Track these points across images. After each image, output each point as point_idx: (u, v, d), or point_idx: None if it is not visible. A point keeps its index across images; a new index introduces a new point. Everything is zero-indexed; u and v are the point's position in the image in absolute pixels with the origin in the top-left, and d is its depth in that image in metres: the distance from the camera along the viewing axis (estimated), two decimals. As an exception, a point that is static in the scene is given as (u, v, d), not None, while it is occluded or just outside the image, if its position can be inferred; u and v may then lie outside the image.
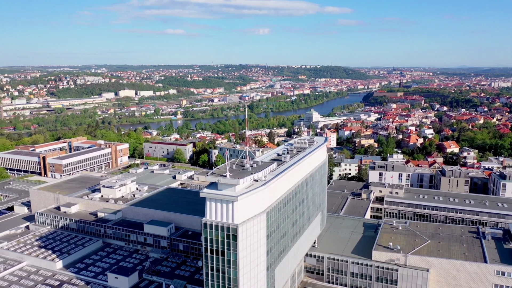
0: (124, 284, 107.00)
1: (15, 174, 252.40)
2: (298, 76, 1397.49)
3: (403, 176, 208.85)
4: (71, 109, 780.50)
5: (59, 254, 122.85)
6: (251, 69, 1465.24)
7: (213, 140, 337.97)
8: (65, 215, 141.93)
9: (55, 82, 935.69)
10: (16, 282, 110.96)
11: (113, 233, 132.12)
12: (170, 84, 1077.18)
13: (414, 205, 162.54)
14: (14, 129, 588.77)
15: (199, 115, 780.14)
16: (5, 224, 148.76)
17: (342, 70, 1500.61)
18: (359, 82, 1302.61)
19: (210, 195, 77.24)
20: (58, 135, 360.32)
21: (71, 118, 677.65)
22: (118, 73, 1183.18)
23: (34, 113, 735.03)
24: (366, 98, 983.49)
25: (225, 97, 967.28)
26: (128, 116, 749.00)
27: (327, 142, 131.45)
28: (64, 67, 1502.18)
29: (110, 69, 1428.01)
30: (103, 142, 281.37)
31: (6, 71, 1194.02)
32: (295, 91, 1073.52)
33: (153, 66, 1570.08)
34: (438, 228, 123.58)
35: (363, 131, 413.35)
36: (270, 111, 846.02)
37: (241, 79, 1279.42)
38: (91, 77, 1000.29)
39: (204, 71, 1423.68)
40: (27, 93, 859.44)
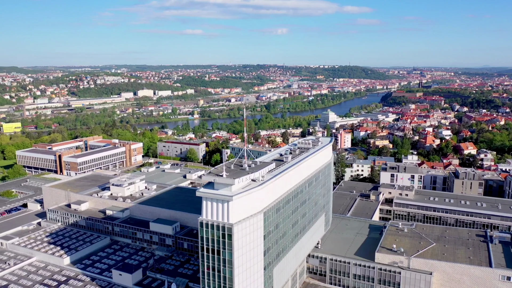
0: (127, 281, 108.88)
1: (32, 172, 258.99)
2: (316, 76, 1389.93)
3: (415, 178, 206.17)
4: (91, 108, 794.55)
5: (67, 250, 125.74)
6: (269, 69, 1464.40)
7: (227, 139, 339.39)
8: (75, 212, 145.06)
9: (76, 82, 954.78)
10: (25, 277, 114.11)
11: (120, 230, 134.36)
12: (188, 84, 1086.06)
13: (424, 207, 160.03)
14: (35, 128, 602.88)
15: (216, 115, 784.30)
16: (18, 220, 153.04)
17: (361, 70, 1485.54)
18: (378, 82, 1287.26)
19: (206, 195, 77.94)
20: (76, 134, 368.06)
21: (91, 117, 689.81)
22: (137, 73, 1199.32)
23: (55, 112, 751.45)
24: (385, 98, 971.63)
25: (242, 97, 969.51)
26: (146, 115, 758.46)
27: (332, 142, 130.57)
28: (86, 67, 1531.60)
29: (130, 69, 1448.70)
30: (117, 141, 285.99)
31: (29, 71, 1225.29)
32: (313, 91, 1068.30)
33: (172, 66, 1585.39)
34: (444, 231, 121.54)
35: (379, 132, 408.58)
36: (287, 111, 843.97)
37: (259, 79, 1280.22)
38: (111, 77, 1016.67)
39: (222, 71, 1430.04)
40: (49, 93, 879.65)
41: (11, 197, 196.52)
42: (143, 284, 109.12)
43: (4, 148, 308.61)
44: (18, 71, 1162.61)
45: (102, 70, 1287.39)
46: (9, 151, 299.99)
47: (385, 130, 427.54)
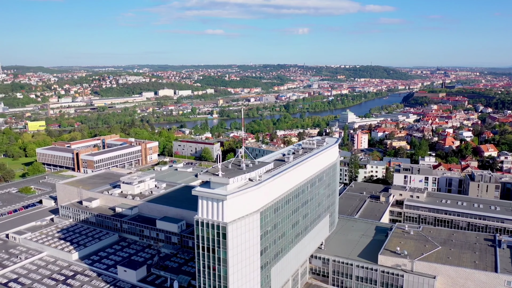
0: (132, 277, 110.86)
1: (51, 169, 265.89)
2: (336, 76, 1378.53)
3: (429, 180, 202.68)
4: (113, 107, 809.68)
5: (76, 246, 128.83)
6: (289, 69, 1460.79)
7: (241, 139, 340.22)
8: (86, 209, 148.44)
9: (99, 82, 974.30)
10: (35, 271, 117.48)
11: (128, 228, 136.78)
12: (208, 84, 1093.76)
13: (435, 210, 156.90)
14: (59, 126, 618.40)
15: (235, 114, 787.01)
16: (32, 216, 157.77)
17: (383, 70, 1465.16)
18: (400, 83, 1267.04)
19: (202, 194, 78.73)
20: (95, 133, 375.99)
21: (112, 117, 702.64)
22: (159, 73, 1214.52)
23: (78, 111, 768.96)
24: (406, 98, 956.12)
25: (261, 97, 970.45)
26: (165, 115, 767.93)
27: (338, 142, 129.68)
28: (109, 67, 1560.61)
29: (152, 69, 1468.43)
30: (133, 140, 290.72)
31: (55, 71, 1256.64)
32: (333, 91, 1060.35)
33: (193, 66, 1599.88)
34: (452, 234, 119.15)
35: (397, 133, 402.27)
36: (306, 111, 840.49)
37: (279, 79, 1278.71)
38: (133, 77, 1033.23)
39: (242, 71, 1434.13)
40: (72, 92, 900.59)
41: (29, 193, 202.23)
42: (147, 281, 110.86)
43: (26, 146, 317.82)
44: (44, 71, 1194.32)
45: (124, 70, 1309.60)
46: (30, 148, 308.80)
47: (403, 131, 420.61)
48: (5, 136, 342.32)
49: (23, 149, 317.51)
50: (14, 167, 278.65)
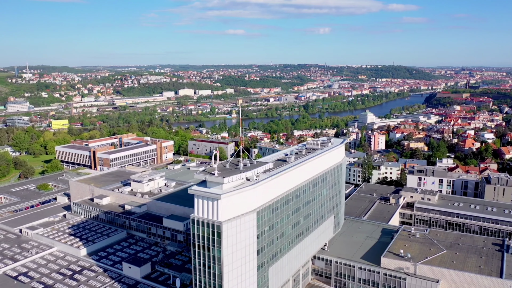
0: (136, 274, 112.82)
1: (69, 167, 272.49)
2: (358, 76, 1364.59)
3: (444, 182, 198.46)
4: (134, 107, 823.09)
5: (85, 242, 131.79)
6: (310, 68, 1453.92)
7: (256, 139, 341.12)
8: (97, 206, 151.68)
9: (121, 81, 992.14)
10: (44, 265, 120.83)
11: (136, 225, 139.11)
12: (228, 84, 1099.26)
13: (447, 213, 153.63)
14: (81, 125, 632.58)
15: (253, 114, 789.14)
16: (46, 212, 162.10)
17: (405, 70, 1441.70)
18: (423, 83, 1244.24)
19: (197, 192, 79.55)
20: (114, 131, 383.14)
21: (132, 116, 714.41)
22: (180, 73, 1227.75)
23: (100, 110, 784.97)
24: (429, 99, 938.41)
25: (281, 97, 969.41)
26: (185, 114, 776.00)
27: (344, 143, 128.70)
28: (132, 67, 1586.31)
29: (173, 69, 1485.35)
30: (149, 138, 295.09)
31: (79, 70, 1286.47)
32: (353, 92, 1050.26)
33: (214, 66, 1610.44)
34: (459, 238, 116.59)
35: (416, 134, 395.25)
36: (325, 111, 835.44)
37: (299, 79, 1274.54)
38: (154, 77, 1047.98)
39: (262, 70, 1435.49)
40: (95, 92, 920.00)
41: (47, 190, 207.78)
42: (151, 278, 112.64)
43: (47, 144, 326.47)
44: (69, 70, 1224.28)
45: (146, 70, 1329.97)
46: (50, 146, 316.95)
47: (422, 132, 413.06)
48: (27, 134, 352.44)
49: (44, 147, 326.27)
50: (35, 164, 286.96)
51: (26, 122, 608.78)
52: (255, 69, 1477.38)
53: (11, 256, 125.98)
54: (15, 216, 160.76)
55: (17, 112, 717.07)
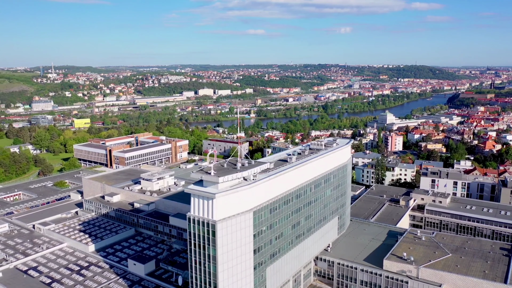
0: (140, 271, 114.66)
1: (86, 165, 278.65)
2: (379, 76, 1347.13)
3: (459, 185, 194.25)
4: (154, 106, 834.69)
5: (94, 238, 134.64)
6: (330, 68, 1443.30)
7: (271, 139, 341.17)
8: (107, 203, 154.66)
9: (142, 81, 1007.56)
10: (53, 260, 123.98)
11: (144, 223, 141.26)
12: (247, 84, 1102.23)
13: (458, 216, 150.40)
14: (103, 124, 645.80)
15: (272, 114, 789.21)
16: (59, 209, 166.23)
17: (428, 69, 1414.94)
18: (446, 83, 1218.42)
19: (193, 191, 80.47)
20: (131, 130, 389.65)
21: (152, 115, 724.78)
22: (200, 73, 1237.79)
23: (121, 110, 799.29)
24: (451, 100, 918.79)
25: (300, 97, 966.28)
26: (204, 114, 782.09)
27: (350, 144, 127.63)
28: (153, 67, 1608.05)
29: (194, 69, 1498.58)
30: (164, 138, 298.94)
31: (102, 70, 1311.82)
32: (374, 92, 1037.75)
33: (234, 66, 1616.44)
34: (466, 241, 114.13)
35: (434, 135, 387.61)
36: (345, 111, 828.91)
37: (319, 79, 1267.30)
38: (174, 77, 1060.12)
39: (282, 70, 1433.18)
40: (117, 91, 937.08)
41: (63, 187, 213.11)
42: (155, 275, 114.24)
43: (66, 142, 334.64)
44: (93, 70, 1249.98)
45: (168, 70, 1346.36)
46: (70, 144, 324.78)
47: (442, 133, 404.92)
48: (48, 132, 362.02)
49: (63, 145, 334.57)
50: (54, 162, 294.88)
51: (50, 121, 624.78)
52: (275, 69, 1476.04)
53: (22, 250, 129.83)
54: (30, 212, 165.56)
55: (41, 111, 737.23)
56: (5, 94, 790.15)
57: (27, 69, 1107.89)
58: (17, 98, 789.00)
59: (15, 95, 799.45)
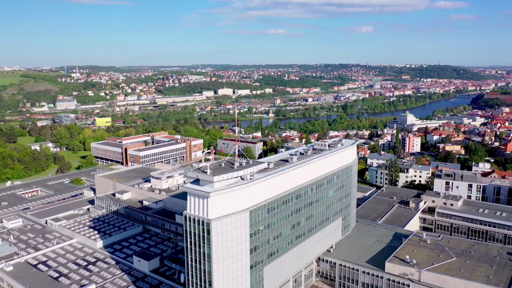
0: (145, 267, 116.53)
1: (103, 163, 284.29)
2: (401, 76, 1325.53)
3: (473, 188, 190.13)
4: (174, 105, 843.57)
5: (102, 235, 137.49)
6: (351, 68, 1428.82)
7: (285, 139, 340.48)
8: (117, 201, 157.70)
9: (163, 81, 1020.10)
10: (62, 255, 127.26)
11: (152, 220, 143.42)
12: (267, 83, 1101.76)
13: (469, 220, 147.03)
14: (123, 123, 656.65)
15: (291, 114, 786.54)
16: (72, 205, 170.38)
17: (452, 69, 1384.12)
18: (470, 83, 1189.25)
19: (189, 190, 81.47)
20: (149, 129, 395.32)
21: (172, 114, 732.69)
22: (220, 73, 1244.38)
23: (142, 109, 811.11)
24: (475, 100, 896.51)
25: (319, 97, 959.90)
26: (223, 113, 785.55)
27: (356, 145, 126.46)
28: (174, 66, 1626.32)
29: (214, 69, 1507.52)
30: (179, 137, 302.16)
31: (125, 70, 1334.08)
32: (395, 92, 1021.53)
33: (254, 66, 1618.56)
34: (472, 245, 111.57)
35: (454, 136, 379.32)
36: (364, 112, 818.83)
37: (340, 79, 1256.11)
38: (194, 76, 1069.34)
39: (303, 70, 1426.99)
40: (138, 91, 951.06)
41: (79, 184, 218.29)
42: (159, 272, 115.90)
43: (85, 140, 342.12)
44: (115, 70, 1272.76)
45: (188, 70, 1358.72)
46: (88, 143, 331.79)
47: (462, 135, 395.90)
48: (68, 131, 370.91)
49: (82, 143, 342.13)
50: (73, 159, 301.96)
51: (73, 120, 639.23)
52: (295, 69, 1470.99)
53: (34, 245, 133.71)
54: (44, 208, 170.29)
55: (65, 110, 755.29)
56: (30, 93, 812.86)
57: (53, 69, 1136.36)
58: (42, 97, 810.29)
59: (40, 94, 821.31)
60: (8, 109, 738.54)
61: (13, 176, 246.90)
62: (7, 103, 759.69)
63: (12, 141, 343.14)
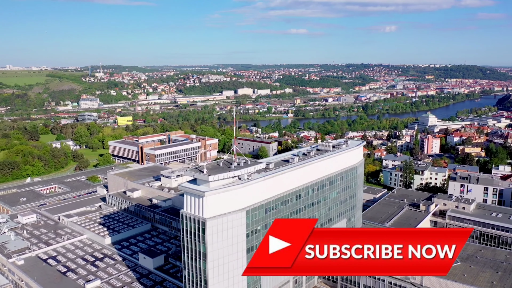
0: (149, 264, 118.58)
1: (120, 161, 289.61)
2: (424, 76, 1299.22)
3: (489, 191, 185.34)
4: (194, 105, 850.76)
5: (111, 232, 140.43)
6: (373, 68, 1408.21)
7: (301, 139, 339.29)
8: (128, 198, 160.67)
9: (184, 80, 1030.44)
10: (72, 251, 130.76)
11: (160, 218, 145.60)
12: (287, 83, 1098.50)
13: (481, 224, 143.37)
14: (144, 122, 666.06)
15: (310, 114, 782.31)
16: (85, 202, 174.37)
17: (478, 69, 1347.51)
18: (497, 83, 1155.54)
19: (186, 189, 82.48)
20: (166, 128, 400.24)
21: (192, 114, 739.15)
22: (240, 72, 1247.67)
23: (163, 108, 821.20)
24: (502, 101, 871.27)
25: (340, 97, 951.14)
26: (242, 113, 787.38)
27: (362, 145, 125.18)
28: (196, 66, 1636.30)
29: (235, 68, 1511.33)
30: (194, 136, 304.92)
31: (147, 70, 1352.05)
32: (418, 92, 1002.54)
33: (275, 66, 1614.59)
34: (479, 250, 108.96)
35: (475, 138, 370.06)
36: (385, 112, 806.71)
37: (361, 79, 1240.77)
38: (214, 76, 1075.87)
39: (324, 70, 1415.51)
40: (159, 90, 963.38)
41: (95, 182, 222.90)
42: (163, 269, 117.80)
43: (104, 139, 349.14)
44: (138, 70, 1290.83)
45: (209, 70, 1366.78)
46: (107, 141, 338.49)
47: (483, 136, 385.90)
48: (88, 129, 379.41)
49: (101, 142, 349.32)
50: (91, 157, 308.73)
51: (95, 118, 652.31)
52: (316, 69, 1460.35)
53: (45, 240, 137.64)
54: (59, 204, 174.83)
55: (88, 108, 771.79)
56: (55, 92, 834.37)
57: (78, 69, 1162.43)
58: (66, 96, 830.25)
59: (64, 93, 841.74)
60: (34, 108, 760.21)
61: (33, 173, 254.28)
62: (33, 102, 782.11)
63: (34, 139, 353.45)
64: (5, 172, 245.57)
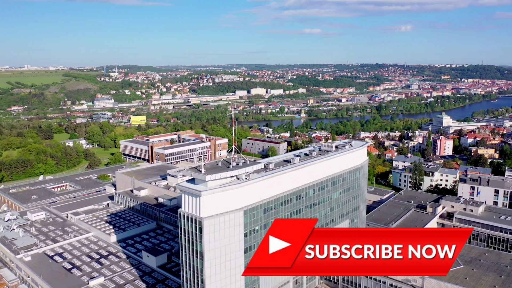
0: (152, 263, 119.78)
1: (131, 159, 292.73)
2: (440, 76, 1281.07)
3: (500, 193, 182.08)
4: (207, 105, 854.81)
5: (117, 230, 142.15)
6: (388, 68, 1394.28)
7: (312, 139, 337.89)
8: (135, 197, 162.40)
9: (197, 80, 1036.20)
10: (78, 248, 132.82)
11: (165, 217, 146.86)
12: (300, 83, 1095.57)
13: (490, 227, 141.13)
14: (157, 121, 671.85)
15: (323, 114, 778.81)
16: (93, 200, 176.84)
17: (495, 69, 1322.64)
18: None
19: (183, 188, 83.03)
20: (177, 128, 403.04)
21: (204, 113, 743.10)
22: (254, 72, 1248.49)
23: (176, 108, 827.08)
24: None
25: (353, 98, 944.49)
26: (255, 113, 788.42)
27: (366, 146, 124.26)
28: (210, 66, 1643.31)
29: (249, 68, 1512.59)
30: (204, 136, 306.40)
31: (162, 70, 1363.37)
32: (434, 93, 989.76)
33: (289, 66, 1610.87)
34: (483, 253, 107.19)
35: (490, 139, 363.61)
36: (399, 113, 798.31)
37: (375, 79, 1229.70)
38: (228, 76, 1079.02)
39: (338, 70, 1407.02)
40: (173, 90, 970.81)
41: (105, 180, 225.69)
42: (166, 267, 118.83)
43: (116, 138, 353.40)
44: (153, 70, 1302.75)
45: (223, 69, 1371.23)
46: (119, 140, 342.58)
47: (498, 138, 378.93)
48: (101, 128, 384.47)
49: (113, 141, 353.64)
50: (103, 156, 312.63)
51: (109, 117, 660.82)
52: (330, 69, 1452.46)
53: (53, 237, 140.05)
54: (68, 202, 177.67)
55: (102, 108, 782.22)
56: (71, 92, 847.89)
57: (93, 68, 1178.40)
58: (81, 95, 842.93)
59: (80, 92, 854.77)
60: (50, 107, 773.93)
61: (45, 171, 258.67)
62: (50, 101, 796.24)
63: (48, 138, 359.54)
64: (18, 170, 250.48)
